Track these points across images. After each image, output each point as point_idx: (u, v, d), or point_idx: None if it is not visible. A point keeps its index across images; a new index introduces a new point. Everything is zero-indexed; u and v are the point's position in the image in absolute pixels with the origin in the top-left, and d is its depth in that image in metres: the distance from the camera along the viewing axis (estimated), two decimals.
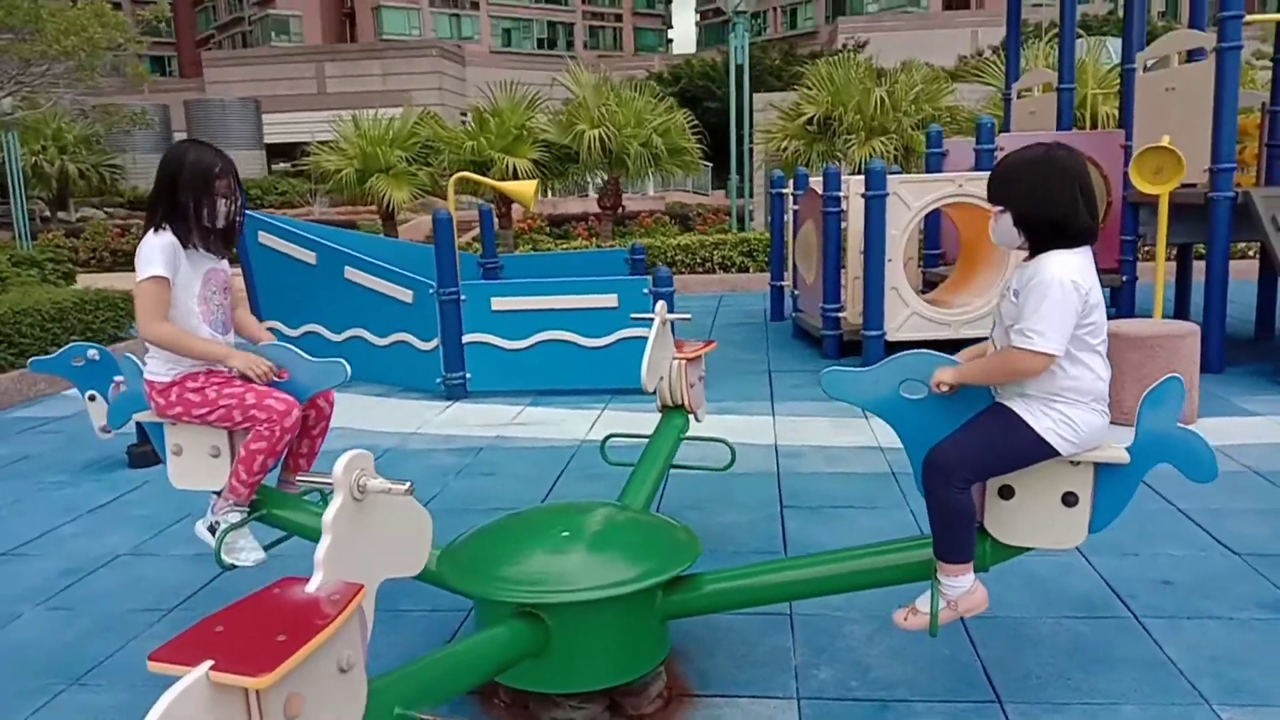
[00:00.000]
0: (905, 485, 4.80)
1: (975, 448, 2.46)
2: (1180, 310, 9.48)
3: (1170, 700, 2.76)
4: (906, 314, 7.07)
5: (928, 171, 9.03)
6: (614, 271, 9.18)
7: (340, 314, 7.68)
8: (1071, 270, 2.37)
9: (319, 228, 8.63)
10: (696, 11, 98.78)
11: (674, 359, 3.87)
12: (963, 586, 2.55)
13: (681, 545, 2.78)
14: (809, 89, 14.62)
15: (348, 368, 3.11)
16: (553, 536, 2.77)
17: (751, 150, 15.73)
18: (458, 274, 7.23)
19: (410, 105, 18.65)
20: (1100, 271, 7.93)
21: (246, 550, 3.14)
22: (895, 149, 13.67)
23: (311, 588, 1.80)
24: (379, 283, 7.40)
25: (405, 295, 7.31)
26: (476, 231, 12.14)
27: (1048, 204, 2.40)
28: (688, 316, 4.26)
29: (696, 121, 15.37)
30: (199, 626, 1.68)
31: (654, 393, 3.93)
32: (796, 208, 9.33)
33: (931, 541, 2.57)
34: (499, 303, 7.12)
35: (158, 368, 3.08)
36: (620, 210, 15.89)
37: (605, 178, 15.33)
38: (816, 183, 8.98)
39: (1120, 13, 9.03)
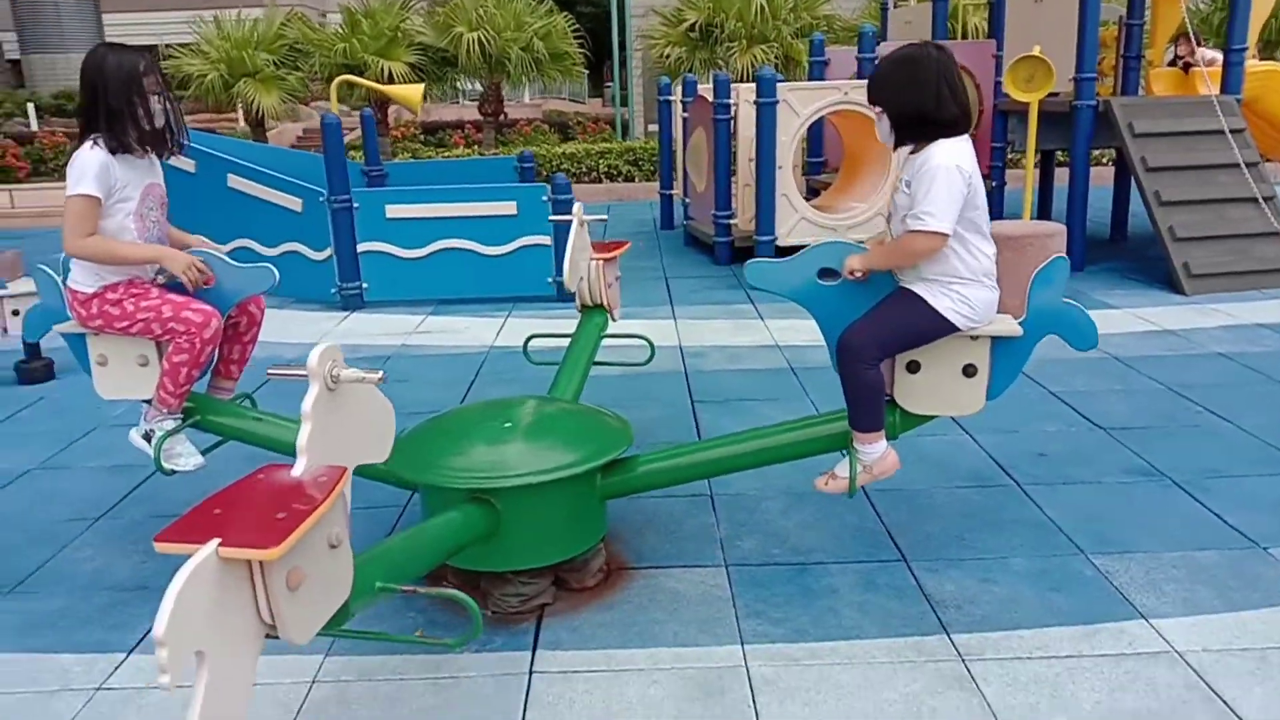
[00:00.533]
0: (804, 379, 5.10)
1: (883, 328, 2.69)
2: (1043, 213, 10.08)
3: (1051, 552, 3.13)
4: (795, 219, 7.32)
5: (810, 80, 9.26)
6: (503, 180, 9.11)
7: (224, 224, 7.39)
8: (955, 156, 2.59)
9: (195, 133, 8.22)
10: None
11: (592, 259, 3.97)
12: (876, 452, 2.81)
13: (616, 431, 2.95)
14: None
15: (275, 274, 3.10)
16: (496, 428, 2.89)
17: (631, 57, 15.61)
18: (349, 181, 7.09)
19: (274, 4, 17.65)
20: None
21: (185, 456, 3.15)
22: (776, 57, 13.82)
23: (297, 472, 1.88)
24: (266, 191, 7.18)
25: (294, 204, 7.13)
26: (353, 138, 11.81)
27: (916, 97, 2.59)
28: (604, 218, 4.34)
29: (577, 25, 15.11)
30: (197, 510, 1.75)
31: (572, 294, 4.03)
32: (686, 115, 9.41)
33: (846, 415, 2.82)
34: (394, 210, 7.03)
35: (81, 277, 3.00)
36: (502, 117, 15.60)
37: (485, 83, 14.96)
38: (706, 90, 9.09)
39: None
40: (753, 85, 8.03)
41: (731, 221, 8.21)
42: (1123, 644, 2.60)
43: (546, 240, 7.07)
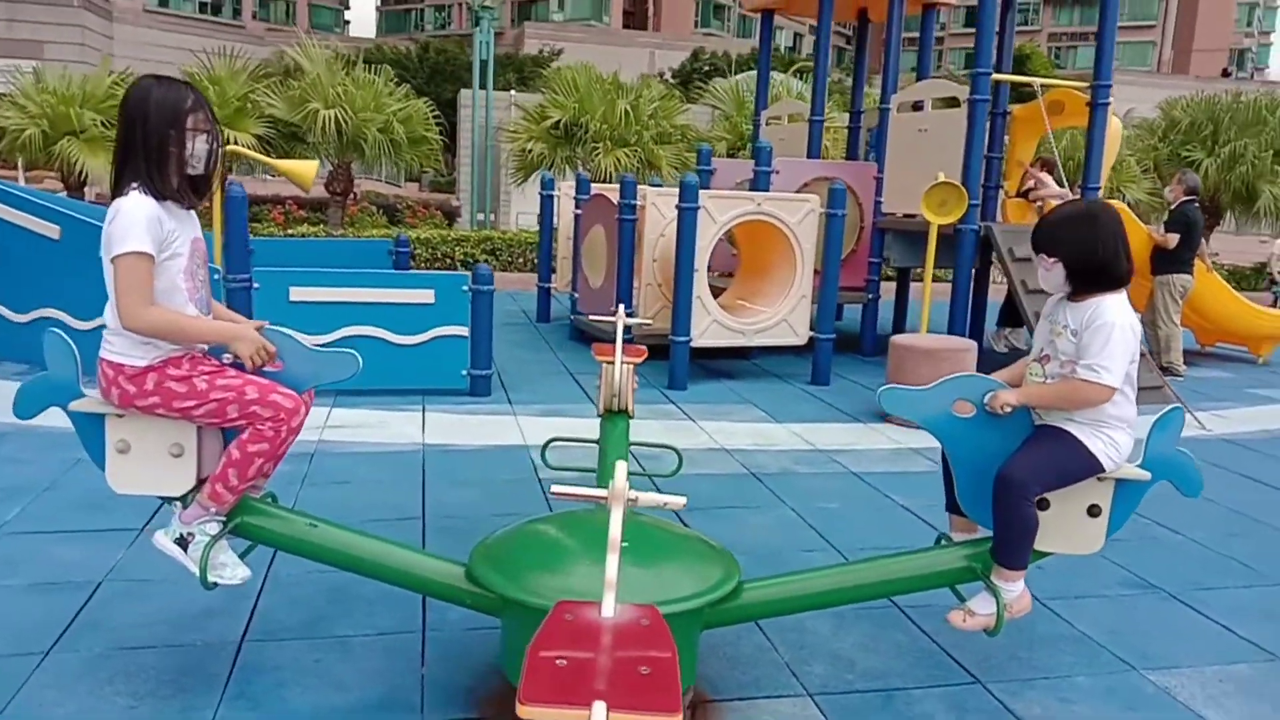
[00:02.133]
0: (771, 485, 5.08)
1: (1045, 465, 2.72)
2: (898, 324, 10.76)
3: (1107, 670, 3.20)
4: (709, 321, 7.41)
5: (679, 188, 9.53)
6: (377, 263, 8.79)
7: (95, 297, 6.61)
8: (1128, 315, 2.71)
9: (60, 198, 7.44)
10: None
11: (622, 363, 3.82)
12: (1018, 590, 2.80)
13: (722, 556, 2.80)
14: (555, 93, 14.75)
15: (360, 360, 2.78)
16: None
17: (491, 149, 15.57)
18: (249, 259, 6.58)
19: (44, 59, 16.41)
20: (850, 289, 8.80)
21: (230, 566, 2.71)
22: (639, 160, 14.18)
23: (608, 612, 1.65)
24: None
25: None
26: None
27: (1097, 252, 2.71)
28: (650, 320, 4.21)
29: (437, 111, 14.95)
30: (537, 663, 1.48)
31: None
32: (578, 211, 9.43)
33: (992, 549, 2.80)
34: (298, 293, 6.55)
35: (128, 349, 2.56)
36: (353, 196, 15.08)
37: (334, 162, 14.44)
38: (606, 189, 9.16)
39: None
40: (647, 187, 8.19)
41: (580, 315, 8.20)
42: None
43: (463, 331, 6.79)
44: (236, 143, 12.89)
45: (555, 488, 1.91)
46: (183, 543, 2.67)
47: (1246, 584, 4.00)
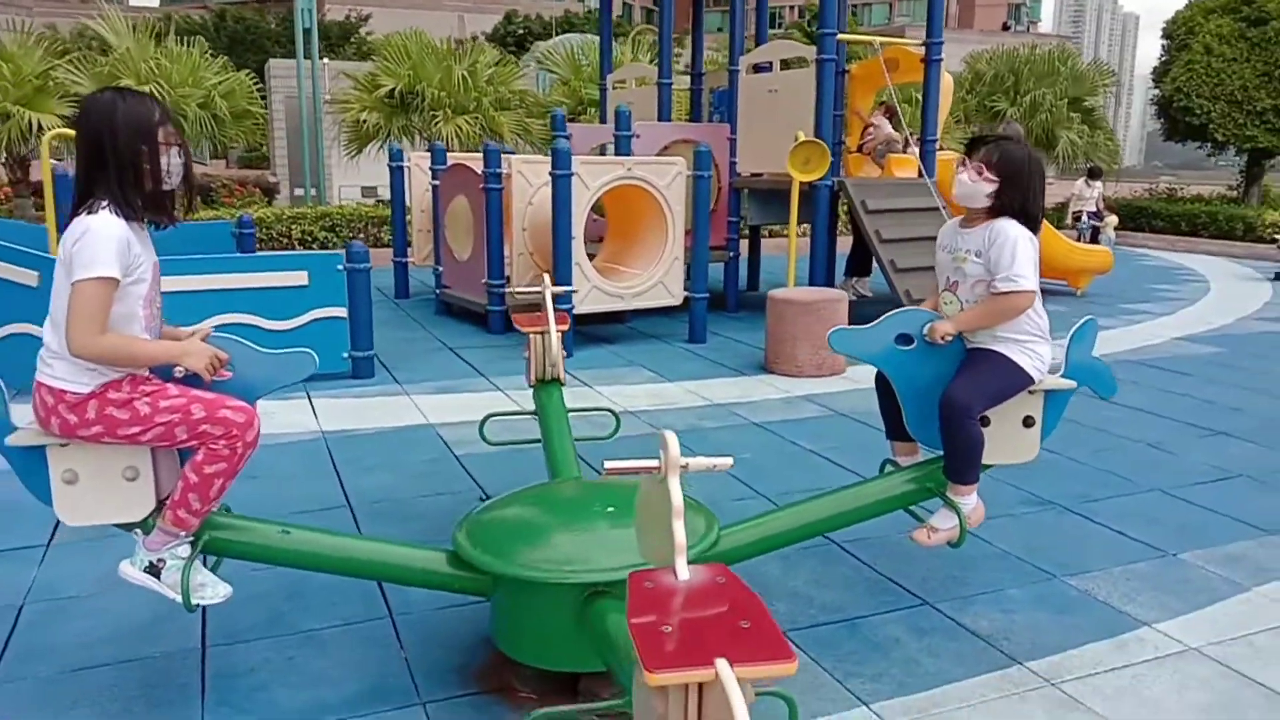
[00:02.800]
0: (683, 441, 5.20)
1: (985, 385, 2.95)
2: (752, 279, 11.14)
3: (1031, 580, 3.53)
4: (588, 288, 7.46)
5: (551, 154, 9.52)
6: (221, 246, 8.34)
7: None
8: (1025, 229, 2.95)
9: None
10: None
11: (550, 331, 3.83)
12: (972, 503, 3.05)
13: (700, 509, 2.89)
14: (386, 60, 14.24)
15: (315, 359, 2.69)
16: (598, 515, 2.72)
17: (321, 120, 14.90)
18: None
19: None
20: (712, 249, 9.02)
21: (210, 584, 2.57)
22: (480, 128, 13.93)
23: (684, 575, 1.70)
24: None
25: (28, 278, 5.99)
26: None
27: (1030, 187, 2.94)
28: (575, 289, 4.21)
29: (260, 84, 14.15)
30: (641, 633, 1.52)
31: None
32: (435, 183, 9.22)
33: (945, 467, 3.02)
34: (161, 281, 6.14)
35: (70, 374, 2.37)
36: None
37: None
38: (466, 158, 9.00)
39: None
40: (510, 155, 8.14)
41: (506, 290, 8.16)
42: (1150, 650, 3.02)
43: (341, 312, 6.57)
44: (40, 126, 11.85)
45: (608, 464, 1.94)
46: (153, 570, 2.52)
47: (1126, 493, 4.46)
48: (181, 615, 3.16)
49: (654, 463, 1.85)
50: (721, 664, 1.42)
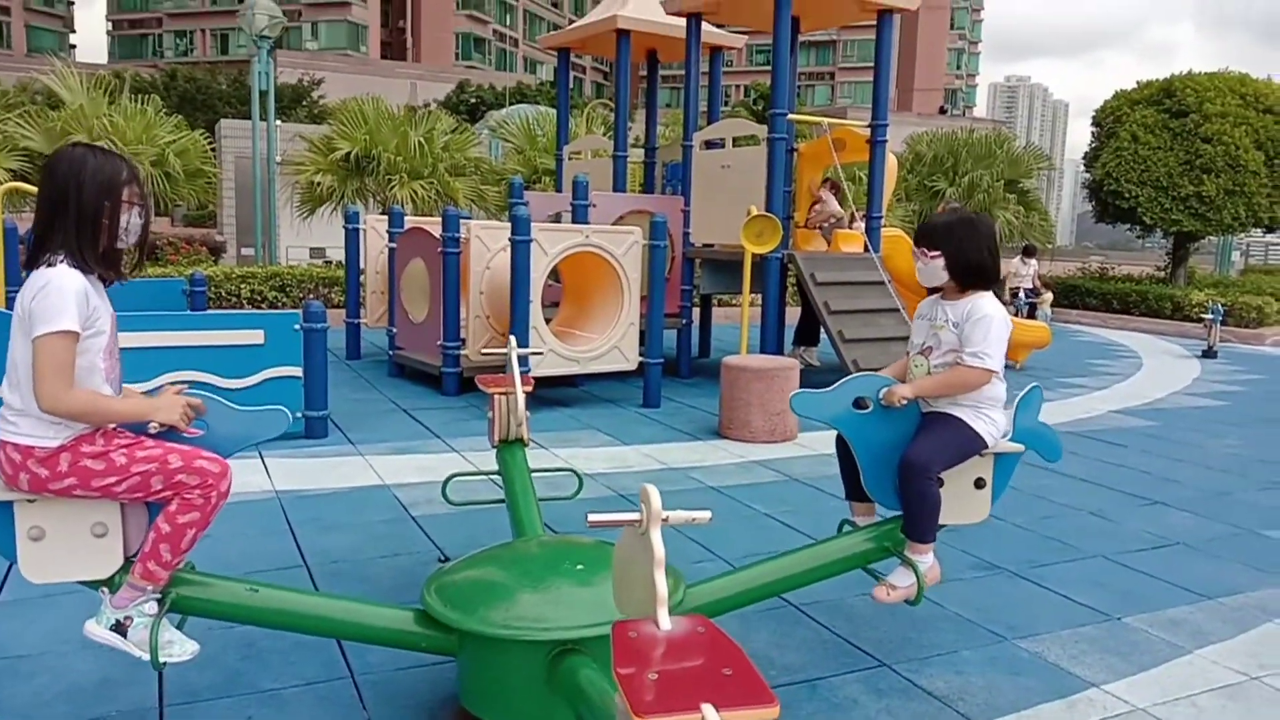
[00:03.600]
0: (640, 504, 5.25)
1: (942, 447, 3.07)
2: (703, 346, 11.31)
3: (983, 643, 3.61)
4: (545, 351, 7.53)
5: (511, 220, 9.66)
6: (172, 304, 8.31)
7: None
8: (1000, 308, 3.12)
9: None
10: (109, 19, 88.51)
11: (516, 392, 3.88)
12: (929, 561, 3.14)
13: (668, 569, 2.94)
14: (343, 124, 14.36)
15: (289, 416, 2.72)
16: (566, 573, 2.76)
17: (275, 180, 14.90)
18: None
19: None
20: (668, 316, 9.20)
21: (178, 643, 2.54)
22: (435, 193, 14.06)
23: (665, 625, 1.76)
24: None
25: None
26: None
27: (977, 252, 3.11)
28: (541, 351, 4.27)
29: (213, 143, 14.15)
30: (628, 680, 1.57)
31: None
32: (392, 245, 9.28)
33: (903, 526, 3.11)
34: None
35: (37, 430, 2.35)
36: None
37: None
38: (424, 222, 9.09)
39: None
40: (468, 220, 8.26)
41: (462, 353, 8.19)
42: (1099, 710, 3.12)
43: (297, 372, 6.55)
44: None
45: (592, 516, 1.99)
46: (119, 628, 2.50)
47: (1069, 558, 4.60)
48: (137, 675, 3.12)
49: (635, 515, 1.91)
50: (708, 709, 1.48)
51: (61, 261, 2.37)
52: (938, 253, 3.16)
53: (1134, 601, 4.07)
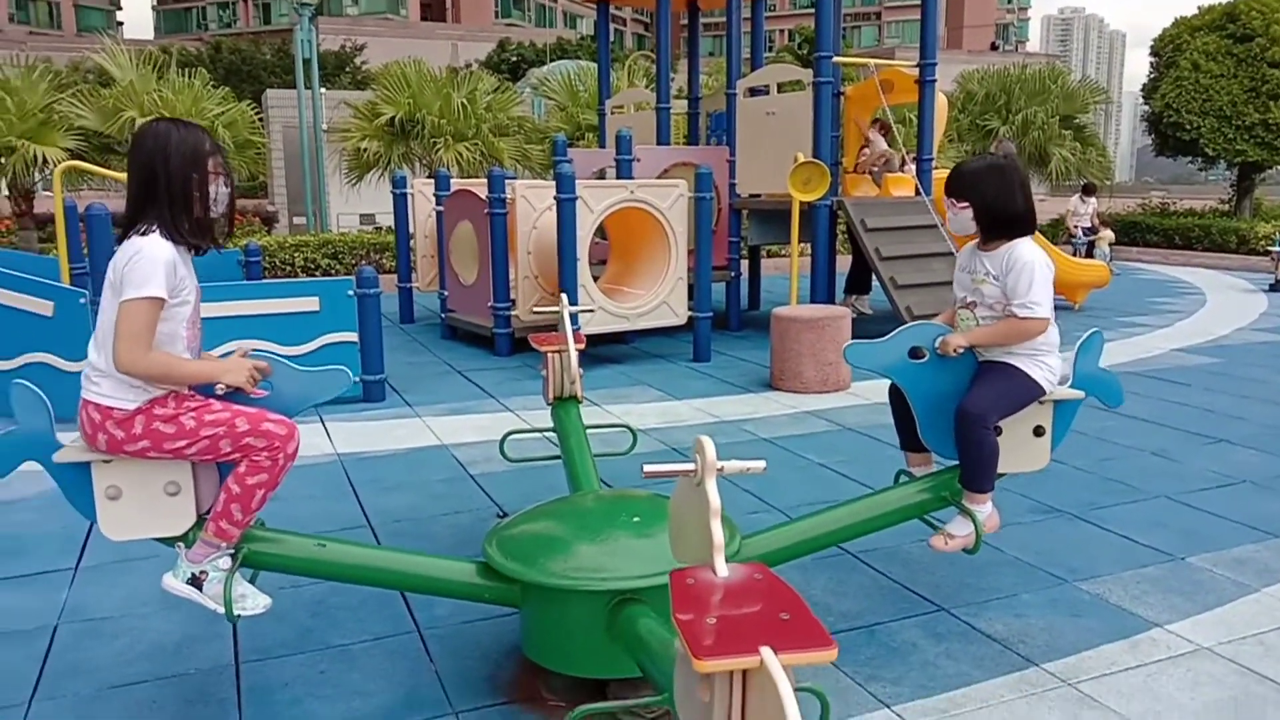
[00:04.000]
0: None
1: (999, 396, 3.03)
2: (753, 298, 11.25)
3: (1044, 585, 3.60)
4: (594, 309, 7.55)
5: (555, 178, 9.65)
6: (229, 274, 8.48)
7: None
8: (1040, 254, 3.06)
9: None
10: None
11: (569, 350, 3.92)
12: (988, 510, 3.12)
13: (723, 519, 2.96)
14: (386, 89, 14.41)
15: (350, 375, 2.78)
16: (625, 524, 2.80)
17: (323, 148, 15.05)
18: None
19: None
20: (714, 269, 9.17)
21: (250, 596, 2.65)
22: (479, 154, 14.08)
23: (723, 572, 1.79)
24: (4, 294, 6.06)
25: (43, 307, 6.09)
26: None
27: (1007, 199, 3.04)
28: (592, 309, 4.30)
29: (261, 113, 14.31)
30: (688, 624, 1.60)
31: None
32: (439, 209, 9.33)
33: (960, 476, 3.10)
34: None
35: (116, 391, 2.46)
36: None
37: None
38: (470, 184, 9.12)
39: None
40: (514, 180, 8.28)
41: (513, 313, 8.26)
42: (1163, 649, 3.09)
43: (352, 337, 6.66)
44: (44, 159, 11.97)
45: (648, 467, 2.01)
46: (195, 582, 2.60)
47: (1131, 499, 4.54)
48: (213, 633, 3.25)
49: (690, 466, 1.93)
50: (766, 651, 1.50)
51: (154, 231, 2.46)
52: (966, 203, 3.10)
53: (1198, 541, 4.01)
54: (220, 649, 3.15)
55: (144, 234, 2.44)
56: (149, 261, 2.39)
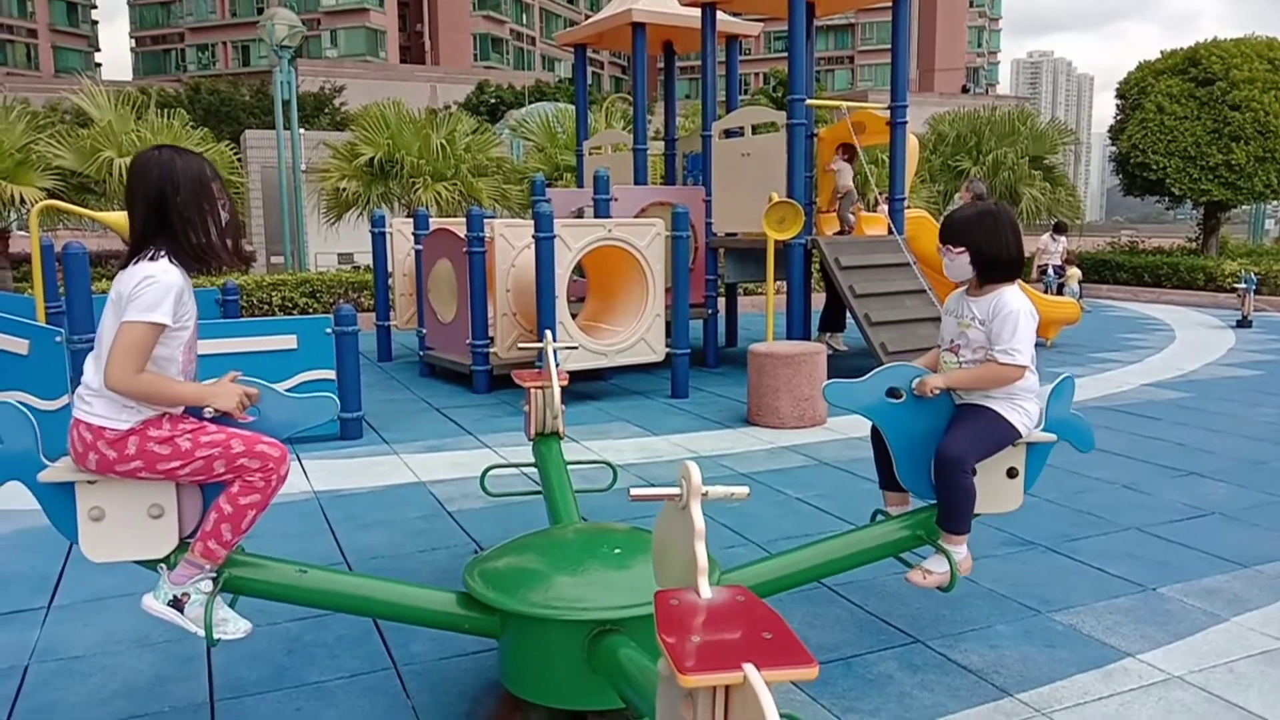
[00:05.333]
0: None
1: (977, 439, 3.08)
2: (730, 335, 11.34)
3: (1017, 616, 3.63)
4: (574, 346, 7.58)
5: (534, 217, 9.74)
6: (206, 313, 8.43)
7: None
8: (1026, 302, 3.13)
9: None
10: (132, 36, 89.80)
11: (543, 388, 3.95)
12: (963, 551, 3.16)
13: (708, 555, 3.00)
14: (365, 130, 14.51)
15: (337, 403, 2.81)
16: (605, 556, 2.81)
17: (301, 188, 15.08)
18: (94, 317, 6.19)
19: None
20: (693, 306, 9.22)
21: (232, 621, 2.64)
22: (458, 194, 14.17)
23: (706, 594, 1.81)
24: None
25: (17, 346, 6.05)
26: None
27: (999, 245, 3.12)
28: (574, 346, 4.34)
29: (239, 154, 14.35)
30: (672, 643, 1.63)
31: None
32: (418, 247, 9.38)
33: (938, 517, 3.14)
34: None
35: (109, 411, 2.47)
36: None
37: None
38: (449, 223, 9.18)
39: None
40: (493, 219, 8.35)
41: (491, 350, 8.28)
42: (1135, 679, 3.13)
43: (330, 375, 6.66)
44: (21, 198, 11.94)
45: (634, 491, 2.05)
46: (176, 604, 2.59)
47: (1103, 532, 4.60)
48: (188, 672, 3.22)
49: (676, 490, 1.96)
50: (749, 668, 1.52)
51: (163, 257, 2.49)
52: (962, 248, 3.17)
53: (1169, 572, 4.07)
54: (195, 687, 3.12)
55: (153, 259, 2.47)
56: (161, 288, 2.42)
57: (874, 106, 9.83)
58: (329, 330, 6.65)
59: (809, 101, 8.61)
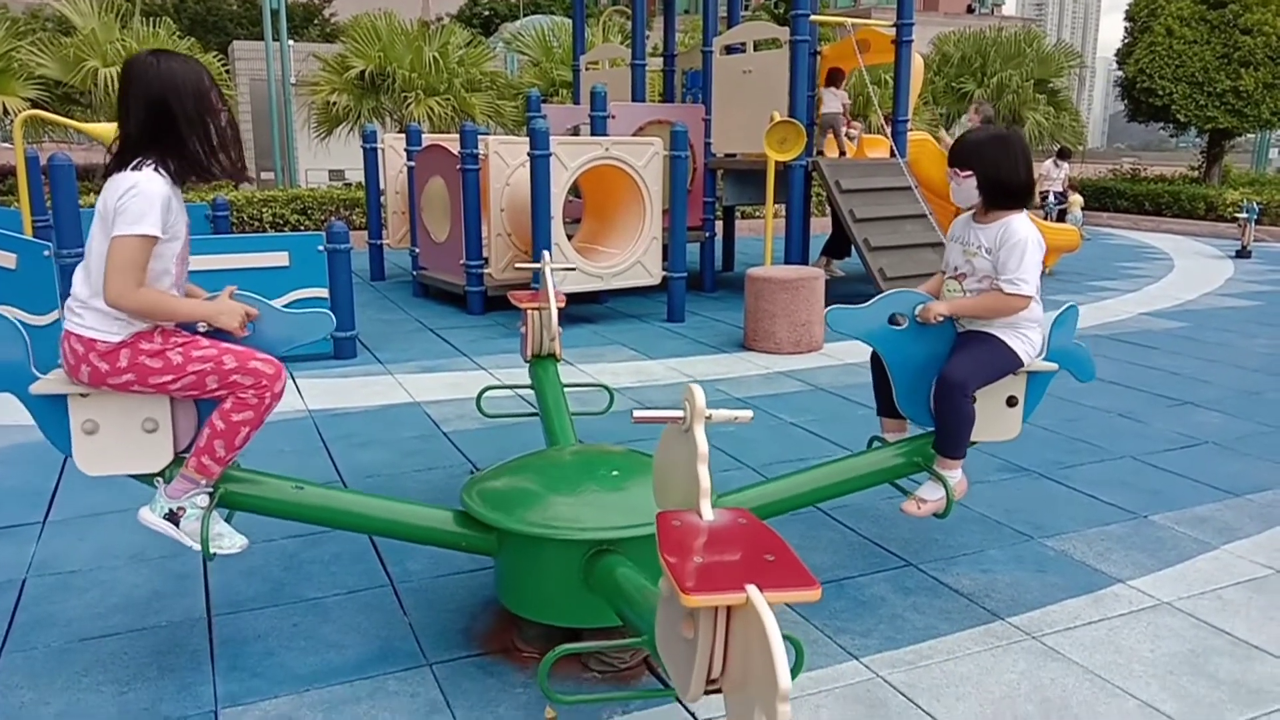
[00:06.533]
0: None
1: (979, 366, 3.06)
2: (727, 259, 11.25)
3: (1010, 542, 3.66)
4: (571, 267, 7.50)
5: (529, 134, 9.55)
6: (196, 229, 8.30)
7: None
8: (1033, 230, 3.07)
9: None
10: None
11: (550, 307, 3.90)
12: (958, 475, 3.16)
13: None
14: (356, 42, 14.13)
15: (333, 319, 2.77)
16: (604, 477, 2.81)
17: (291, 102, 14.77)
18: (82, 231, 6.09)
19: None
20: (690, 229, 9.12)
21: (227, 535, 2.64)
22: (451, 109, 13.88)
23: (708, 516, 1.81)
24: None
25: (6, 260, 5.97)
26: None
27: (1009, 169, 3.05)
28: (572, 267, 4.28)
29: (228, 64, 14.00)
30: (675, 564, 1.62)
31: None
32: (411, 164, 9.21)
33: (935, 442, 3.13)
34: None
35: (101, 323, 2.42)
36: None
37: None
38: (442, 139, 9.01)
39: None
40: (487, 135, 8.19)
41: (485, 271, 8.20)
42: (1124, 604, 3.16)
43: (322, 292, 6.59)
44: (4, 110, 11.67)
45: (637, 413, 2.03)
46: (172, 518, 2.59)
47: (1096, 459, 4.62)
48: (185, 587, 3.24)
49: (679, 413, 1.94)
50: (752, 589, 1.52)
51: (148, 167, 2.40)
52: (969, 172, 3.09)
53: (1161, 500, 4.09)
54: (192, 602, 3.14)
55: (137, 168, 2.38)
56: (145, 198, 2.34)
57: (879, 23, 9.58)
58: (321, 248, 6.56)
59: (813, 17, 8.40)
